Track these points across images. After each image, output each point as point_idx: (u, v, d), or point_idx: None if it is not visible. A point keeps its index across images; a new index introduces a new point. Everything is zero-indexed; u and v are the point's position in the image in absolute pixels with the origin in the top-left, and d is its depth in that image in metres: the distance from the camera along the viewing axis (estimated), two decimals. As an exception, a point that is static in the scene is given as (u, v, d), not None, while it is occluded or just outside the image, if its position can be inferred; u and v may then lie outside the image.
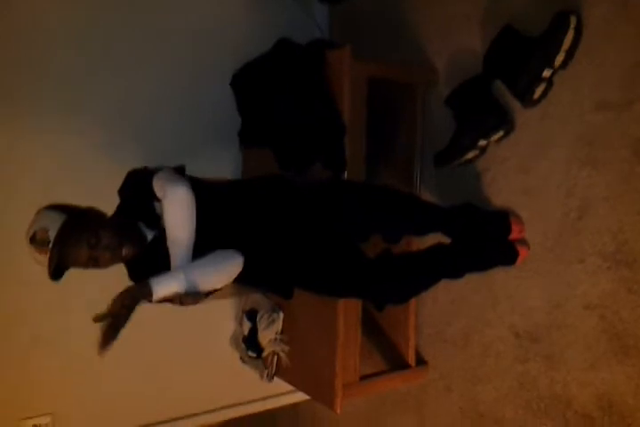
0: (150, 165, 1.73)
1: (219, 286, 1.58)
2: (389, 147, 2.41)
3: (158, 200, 1.56)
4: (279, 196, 1.79)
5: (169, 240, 1.51)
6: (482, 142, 1.99)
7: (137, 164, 1.77)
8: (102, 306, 2.20)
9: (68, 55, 2.23)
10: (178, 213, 1.50)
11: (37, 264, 1.50)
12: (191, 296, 1.46)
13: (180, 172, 1.68)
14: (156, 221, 1.61)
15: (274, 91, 2.13)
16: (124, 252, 1.55)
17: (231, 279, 1.62)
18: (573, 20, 1.69)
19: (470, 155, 2.04)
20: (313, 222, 1.75)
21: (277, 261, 1.75)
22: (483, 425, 2.09)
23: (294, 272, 1.79)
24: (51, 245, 1.45)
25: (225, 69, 2.30)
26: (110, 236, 1.52)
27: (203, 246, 1.56)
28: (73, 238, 1.48)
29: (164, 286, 1.41)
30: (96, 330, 2.26)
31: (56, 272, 1.51)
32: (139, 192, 1.63)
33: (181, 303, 1.48)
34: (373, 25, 2.64)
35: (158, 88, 2.41)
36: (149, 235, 1.63)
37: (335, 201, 1.77)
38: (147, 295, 1.40)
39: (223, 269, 1.58)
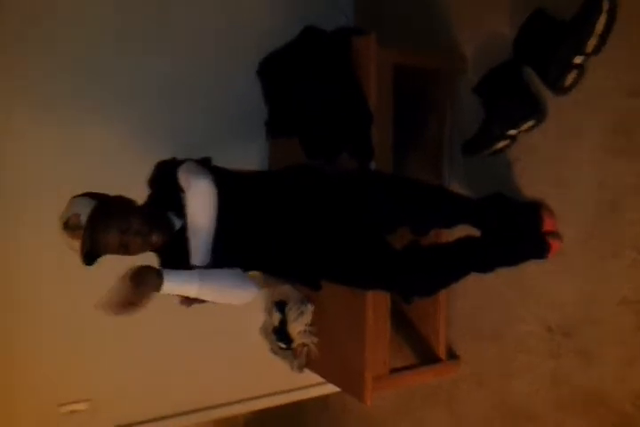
0: (178, 155, 1.75)
1: (219, 303, 1.61)
2: (418, 135, 2.36)
3: (183, 191, 1.58)
4: (306, 185, 1.78)
5: (189, 231, 1.53)
6: (511, 132, 1.93)
7: (164, 155, 1.79)
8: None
9: (98, 45, 2.27)
10: (199, 204, 1.53)
11: (71, 250, 1.52)
12: (192, 301, 1.53)
13: (205, 164, 1.69)
14: (184, 211, 1.63)
15: (300, 78, 2.11)
16: (154, 238, 1.57)
17: (233, 303, 1.64)
18: (606, 3, 1.61)
19: (500, 144, 1.98)
20: (340, 213, 1.74)
21: (304, 252, 1.74)
22: (515, 421, 2.06)
23: (321, 263, 1.78)
24: (82, 230, 1.48)
25: (251, 59, 2.29)
26: (140, 222, 1.54)
27: (229, 237, 1.58)
28: (103, 223, 1.50)
29: (175, 286, 1.46)
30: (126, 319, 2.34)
31: (88, 257, 1.53)
32: (166, 183, 1.65)
33: (180, 301, 1.52)
34: (400, 11, 2.58)
35: (185, 79, 2.41)
36: (178, 224, 1.64)
37: (362, 192, 1.74)
38: (155, 287, 1.42)
39: (234, 294, 1.62)
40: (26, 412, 2.32)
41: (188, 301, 1.56)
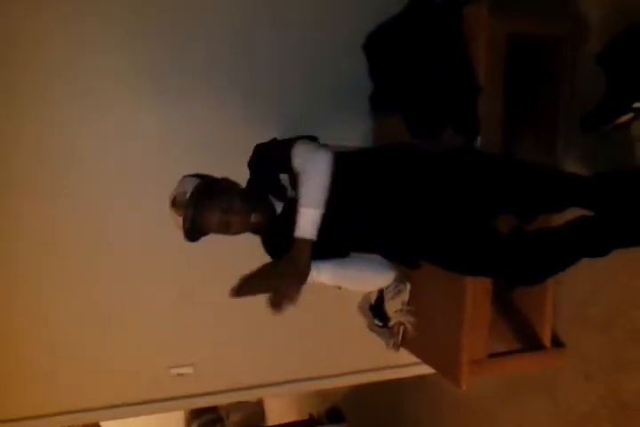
0: (283, 133, 1.77)
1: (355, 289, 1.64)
2: (532, 109, 2.23)
3: (287, 172, 1.59)
4: (408, 165, 1.74)
5: (302, 205, 1.47)
6: (637, 104, 1.76)
7: (268, 132, 1.81)
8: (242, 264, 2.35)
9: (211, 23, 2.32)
10: (318, 167, 1.50)
11: (178, 228, 1.60)
12: None
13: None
14: (284, 193, 1.65)
15: (407, 52, 2.06)
16: (254, 218, 1.61)
17: (369, 288, 1.66)
18: None
19: (624, 118, 1.81)
20: (440, 195, 1.68)
21: (406, 231, 1.71)
22: (625, 417, 1.92)
23: (423, 244, 1.73)
24: (185, 207, 1.55)
25: (356, 33, 2.25)
26: (241, 202, 1.59)
27: (332, 214, 1.56)
28: (207, 201, 1.56)
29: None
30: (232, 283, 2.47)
31: (191, 234, 1.60)
32: (267, 165, 1.68)
33: None
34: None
35: (288, 54, 2.41)
36: (278, 207, 1.67)
37: (462, 175, 1.68)
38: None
39: (370, 279, 1.71)
40: (141, 372, 2.51)
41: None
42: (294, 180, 1.57)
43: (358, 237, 1.71)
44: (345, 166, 1.67)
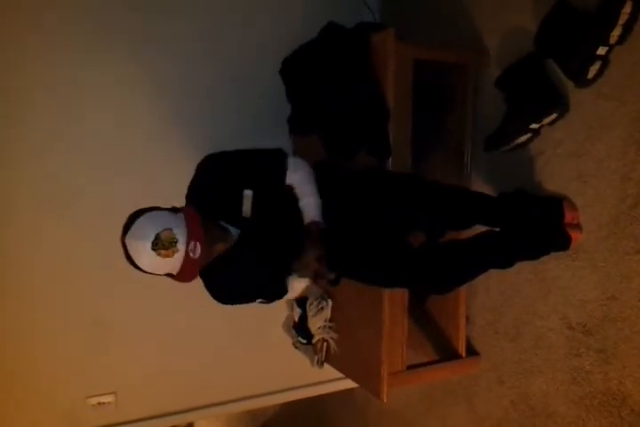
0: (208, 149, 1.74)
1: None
2: (439, 131, 2.34)
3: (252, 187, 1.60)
4: (326, 184, 1.78)
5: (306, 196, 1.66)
6: (533, 125, 1.89)
7: (189, 151, 1.78)
8: (159, 290, 2.27)
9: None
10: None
11: (159, 271, 1.36)
12: None
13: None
14: (238, 214, 1.59)
15: (320, 76, 2.11)
16: (222, 246, 1.51)
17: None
18: (631, -9, 1.56)
19: (521, 138, 1.94)
20: (355, 212, 1.74)
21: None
22: (534, 419, 2.02)
23: (340, 259, 1.78)
24: (181, 243, 1.33)
25: (276, 56, 2.28)
26: (218, 229, 1.53)
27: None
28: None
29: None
30: (152, 315, 2.42)
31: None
32: (243, 175, 1.63)
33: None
34: (425, 6, 2.55)
35: (210, 78, 2.44)
36: (235, 232, 1.59)
37: (373, 195, 1.75)
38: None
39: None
40: (55, 403, 2.40)
41: None
42: (258, 196, 1.60)
43: (283, 253, 1.72)
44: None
